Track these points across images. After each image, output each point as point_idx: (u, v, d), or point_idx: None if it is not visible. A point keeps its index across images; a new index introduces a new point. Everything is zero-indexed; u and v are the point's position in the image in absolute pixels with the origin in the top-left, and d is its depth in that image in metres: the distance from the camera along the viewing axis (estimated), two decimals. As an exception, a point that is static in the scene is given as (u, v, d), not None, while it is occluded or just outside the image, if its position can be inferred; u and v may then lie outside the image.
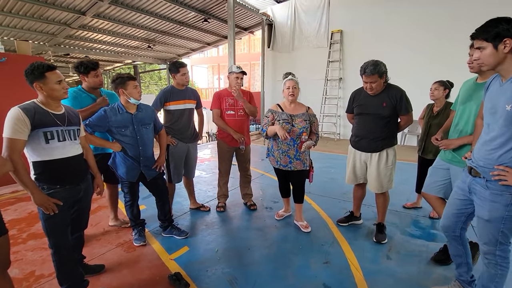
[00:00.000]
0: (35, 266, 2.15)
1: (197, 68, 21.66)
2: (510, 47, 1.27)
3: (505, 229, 1.41)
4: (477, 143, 1.51)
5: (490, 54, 1.32)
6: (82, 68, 2.29)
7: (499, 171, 1.34)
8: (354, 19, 7.97)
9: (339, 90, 8.25)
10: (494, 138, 1.36)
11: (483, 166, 1.43)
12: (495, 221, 1.41)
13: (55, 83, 1.57)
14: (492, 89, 1.43)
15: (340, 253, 2.36)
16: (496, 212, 1.39)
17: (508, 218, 1.38)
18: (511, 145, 1.31)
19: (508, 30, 1.26)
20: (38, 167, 1.57)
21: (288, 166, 2.59)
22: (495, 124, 1.36)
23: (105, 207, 2.95)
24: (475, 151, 1.51)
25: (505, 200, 1.36)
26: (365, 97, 2.42)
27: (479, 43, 1.35)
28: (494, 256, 1.48)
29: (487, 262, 1.53)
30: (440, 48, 6.67)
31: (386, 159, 2.40)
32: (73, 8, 6.70)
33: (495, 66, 1.34)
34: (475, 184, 1.50)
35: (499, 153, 1.35)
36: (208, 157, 6.09)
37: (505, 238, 1.44)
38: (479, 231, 1.52)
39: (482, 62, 1.36)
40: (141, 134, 2.28)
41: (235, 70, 2.90)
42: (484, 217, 1.44)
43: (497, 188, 1.37)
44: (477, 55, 1.38)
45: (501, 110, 1.32)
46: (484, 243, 1.50)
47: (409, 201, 3.39)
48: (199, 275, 2.07)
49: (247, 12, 8.82)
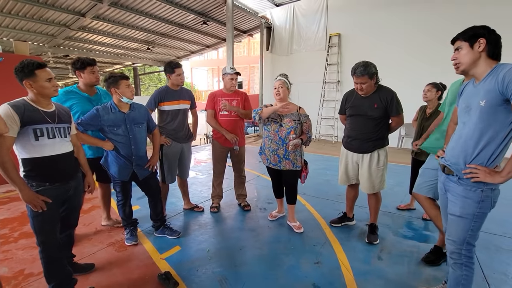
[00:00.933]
0: (25, 264, 2.15)
1: (197, 71, 21.75)
2: (484, 45, 1.34)
3: (475, 228, 1.44)
4: (451, 141, 1.55)
5: (466, 53, 1.39)
6: (79, 64, 2.29)
7: (471, 169, 1.39)
8: (352, 22, 8.03)
9: (336, 92, 8.29)
10: (470, 135, 1.40)
11: (456, 163, 1.47)
12: (466, 218, 1.44)
13: (45, 81, 1.58)
14: (466, 91, 1.49)
15: (331, 254, 2.36)
16: (468, 209, 1.43)
17: (479, 216, 1.42)
18: (485, 141, 1.36)
19: (483, 33, 1.35)
20: (27, 164, 1.57)
21: (278, 165, 2.59)
22: (469, 121, 1.41)
23: (99, 206, 2.95)
24: (448, 150, 1.55)
25: (477, 197, 1.40)
26: (357, 99, 2.44)
27: (458, 44, 1.43)
28: (460, 256, 1.51)
29: (452, 262, 1.55)
30: (437, 51, 6.70)
31: (377, 160, 2.41)
32: (73, 9, 6.75)
33: (470, 65, 1.39)
34: (449, 181, 1.54)
35: (474, 151, 1.39)
36: (204, 159, 6.10)
37: (473, 238, 1.47)
38: (449, 228, 1.55)
39: (459, 61, 1.42)
40: (133, 133, 2.28)
41: (229, 71, 2.92)
42: (456, 213, 1.48)
43: (470, 184, 1.41)
44: (455, 55, 1.44)
45: (475, 107, 1.37)
46: (452, 240, 1.52)
47: (403, 202, 3.40)
48: (189, 275, 2.07)
49: (246, 15, 8.88)
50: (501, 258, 2.32)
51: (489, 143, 1.35)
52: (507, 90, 1.24)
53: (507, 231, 2.77)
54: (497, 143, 1.34)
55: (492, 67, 1.34)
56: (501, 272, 2.12)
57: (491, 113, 1.32)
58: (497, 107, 1.30)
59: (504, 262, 2.25)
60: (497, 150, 1.35)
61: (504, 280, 2.04)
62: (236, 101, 3.00)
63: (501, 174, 1.33)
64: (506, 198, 3.53)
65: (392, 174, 2.54)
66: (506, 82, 1.24)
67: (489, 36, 1.34)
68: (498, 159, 1.38)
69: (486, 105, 1.32)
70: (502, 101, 1.28)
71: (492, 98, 1.30)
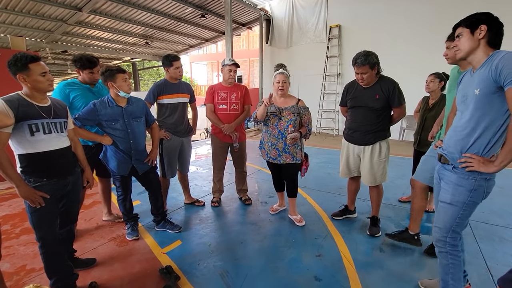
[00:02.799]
0: (27, 260, 2.15)
1: (196, 65, 21.58)
2: (485, 32, 1.31)
3: (463, 216, 1.45)
4: (449, 130, 1.54)
5: (466, 39, 1.36)
6: (79, 64, 2.31)
7: (466, 159, 1.38)
8: (352, 13, 7.90)
9: (337, 85, 8.21)
10: (466, 123, 1.39)
11: (452, 153, 1.46)
12: (456, 205, 1.45)
13: (39, 75, 1.54)
14: (464, 81, 1.47)
15: (333, 246, 2.35)
16: (459, 196, 1.44)
17: (469, 204, 1.43)
18: (481, 130, 1.34)
19: (485, 19, 1.32)
20: (23, 160, 1.55)
21: (278, 159, 2.57)
22: (466, 110, 1.40)
23: (100, 202, 2.95)
24: (446, 139, 1.54)
25: (470, 185, 1.40)
26: (358, 90, 2.39)
27: (459, 30, 1.39)
28: (445, 244, 1.52)
29: (438, 251, 1.57)
30: (438, 40, 6.60)
31: (379, 152, 2.37)
32: (69, 4, 6.64)
33: (469, 52, 1.36)
34: (443, 170, 1.55)
35: (470, 140, 1.38)
36: (205, 153, 6.08)
37: (459, 227, 1.48)
38: (438, 215, 1.55)
39: (458, 48, 1.39)
40: (132, 127, 2.26)
41: (227, 62, 2.87)
42: (447, 201, 1.48)
43: (464, 172, 1.41)
44: (456, 42, 1.41)
45: (471, 96, 1.36)
46: (438, 228, 1.53)
47: (405, 195, 3.38)
48: (190, 269, 2.07)
49: (245, 7, 8.74)
50: (505, 249, 2.31)
51: (485, 132, 1.33)
52: (500, 77, 1.21)
53: (510, 222, 2.75)
54: (493, 132, 1.32)
55: (489, 55, 1.31)
56: (504, 263, 2.11)
57: (485, 102, 1.30)
58: (492, 95, 1.28)
59: (507, 254, 2.24)
60: (493, 139, 1.33)
61: (507, 271, 2.02)
62: (235, 95, 2.95)
63: (494, 163, 1.31)
64: (510, 190, 3.52)
65: (394, 167, 2.51)
66: (499, 69, 1.21)
67: (490, 23, 1.30)
68: (495, 149, 1.36)
69: (480, 93, 1.30)
70: (496, 89, 1.26)
71: (485, 86, 1.28)
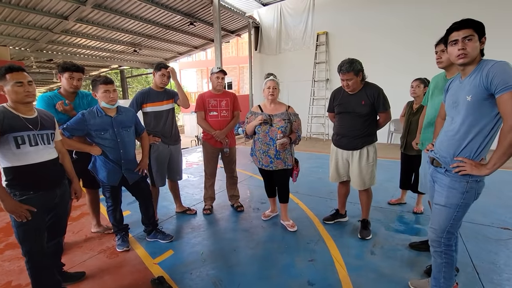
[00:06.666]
0: (12, 276, 2.08)
1: (185, 72, 21.53)
2: (484, 44, 1.37)
3: (457, 217, 1.50)
4: (440, 135, 1.60)
5: (476, 46, 1.35)
6: (60, 68, 2.22)
7: (458, 163, 1.43)
8: (339, 20, 8.10)
9: (326, 91, 8.34)
10: (458, 129, 1.44)
11: (444, 157, 1.51)
12: (450, 207, 1.50)
13: (14, 85, 1.49)
14: (453, 88, 1.53)
15: (325, 251, 2.37)
16: (453, 199, 1.48)
17: (462, 206, 1.48)
18: (473, 135, 1.40)
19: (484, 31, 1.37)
20: (9, 173, 1.52)
21: (270, 166, 2.59)
22: (457, 115, 1.45)
23: (88, 213, 2.88)
24: (438, 143, 1.59)
25: (462, 188, 1.45)
26: (344, 96, 2.46)
27: (469, 32, 1.34)
28: (440, 244, 1.57)
29: (433, 250, 1.62)
30: (424, 46, 6.82)
31: (367, 156, 2.43)
32: (55, 12, 6.56)
33: (474, 58, 1.37)
34: (436, 173, 1.59)
35: (462, 144, 1.43)
36: (196, 161, 6.04)
37: (454, 228, 1.53)
38: (433, 217, 1.60)
39: (467, 52, 1.34)
40: (121, 137, 2.24)
41: (215, 70, 2.92)
42: (441, 203, 1.53)
43: (456, 175, 1.46)
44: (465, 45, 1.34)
45: (462, 102, 1.42)
46: (434, 229, 1.58)
47: (394, 197, 3.45)
48: (183, 278, 2.05)
49: (233, 15, 8.85)
50: (489, 247, 2.38)
51: (476, 136, 1.39)
52: (491, 85, 1.29)
53: (494, 221, 2.85)
54: (483, 136, 1.38)
55: (478, 63, 1.38)
56: (489, 261, 2.18)
57: (477, 107, 1.36)
58: (483, 102, 1.34)
59: (492, 252, 2.31)
60: (483, 142, 1.39)
61: (493, 268, 2.09)
62: (225, 101, 2.98)
63: (487, 166, 1.37)
64: (493, 189, 3.64)
65: (382, 170, 2.57)
66: (490, 78, 1.29)
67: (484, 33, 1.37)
68: (484, 152, 1.42)
69: (472, 99, 1.36)
70: (487, 96, 1.32)
71: (477, 93, 1.34)
